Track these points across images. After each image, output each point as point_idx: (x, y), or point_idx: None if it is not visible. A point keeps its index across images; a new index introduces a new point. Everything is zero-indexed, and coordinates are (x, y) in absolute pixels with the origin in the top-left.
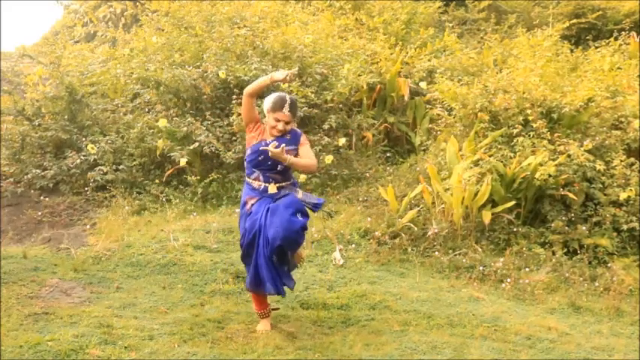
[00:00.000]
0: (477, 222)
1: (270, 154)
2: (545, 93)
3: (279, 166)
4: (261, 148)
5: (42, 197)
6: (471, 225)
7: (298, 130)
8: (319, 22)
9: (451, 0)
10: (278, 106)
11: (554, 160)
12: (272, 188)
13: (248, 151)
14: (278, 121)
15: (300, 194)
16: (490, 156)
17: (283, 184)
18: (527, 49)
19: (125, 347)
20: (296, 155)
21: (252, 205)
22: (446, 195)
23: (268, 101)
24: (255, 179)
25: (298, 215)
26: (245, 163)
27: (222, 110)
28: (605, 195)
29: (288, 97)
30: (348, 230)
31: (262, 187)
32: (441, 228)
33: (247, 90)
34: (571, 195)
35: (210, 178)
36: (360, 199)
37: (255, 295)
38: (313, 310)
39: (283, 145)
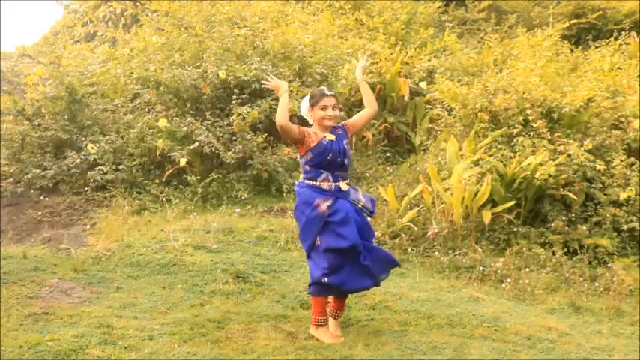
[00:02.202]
0: (477, 222)
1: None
2: (545, 93)
3: (346, 161)
4: (325, 142)
5: (42, 197)
6: (471, 225)
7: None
8: (319, 22)
9: (451, 0)
10: (319, 96)
11: (554, 160)
12: (344, 186)
13: (310, 156)
14: (326, 107)
15: (360, 194)
16: (490, 156)
17: (348, 180)
18: (527, 49)
19: (125, 347)
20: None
21: (329, 206)
22: (446, 195)
23: (305, 101)
24: (324, 181)
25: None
26: (306, 167)
27: (222, 110)
28: (605, 195)
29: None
30: None
31: (334, 187)
32: (441, 228)
33: (281, 119)
34: (571, 195)
35: (210, 178)
36: None
37: (321, 299)
38: None
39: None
